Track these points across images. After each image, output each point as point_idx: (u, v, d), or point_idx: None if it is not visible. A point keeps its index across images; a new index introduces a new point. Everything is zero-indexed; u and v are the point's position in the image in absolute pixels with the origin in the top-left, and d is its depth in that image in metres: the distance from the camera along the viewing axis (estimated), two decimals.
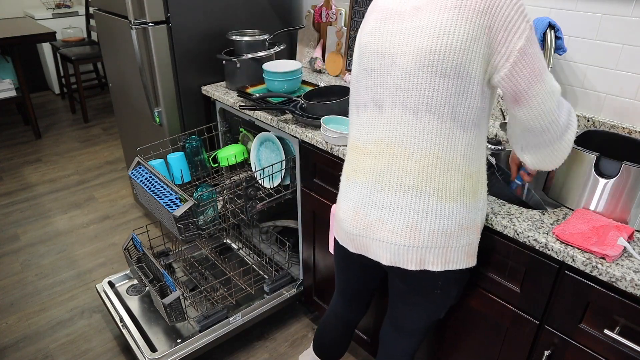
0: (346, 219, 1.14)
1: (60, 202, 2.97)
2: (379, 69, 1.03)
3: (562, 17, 1.45)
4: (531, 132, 1.01)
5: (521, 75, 0.94)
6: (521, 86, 0.95)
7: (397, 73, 1.00)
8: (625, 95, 1.39)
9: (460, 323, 1.35)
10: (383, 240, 1.07)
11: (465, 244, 1.06)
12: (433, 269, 1.06)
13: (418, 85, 0.98)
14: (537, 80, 0.95)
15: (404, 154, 1.02)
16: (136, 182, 1.64)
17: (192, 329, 1.80)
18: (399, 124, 1.01)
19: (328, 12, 2.14)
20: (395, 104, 1.01)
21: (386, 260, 1.08)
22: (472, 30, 0.92)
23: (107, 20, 2.23)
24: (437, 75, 0.95)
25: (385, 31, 1.02)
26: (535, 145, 1.04)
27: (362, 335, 1.76)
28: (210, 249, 2.28)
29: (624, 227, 1.06)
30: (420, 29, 0.96)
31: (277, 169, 1.85)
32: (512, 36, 0.92)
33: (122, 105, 2.48)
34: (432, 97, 0.97)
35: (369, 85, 1.06)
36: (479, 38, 0.92)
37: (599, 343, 1.03)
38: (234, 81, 2.00)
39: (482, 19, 0.91)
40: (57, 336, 2.00)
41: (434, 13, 0.95)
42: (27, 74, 4.71)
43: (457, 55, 0.93)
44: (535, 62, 0.94)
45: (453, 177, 1.00)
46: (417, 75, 0.97)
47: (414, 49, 0.97)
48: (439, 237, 1.03)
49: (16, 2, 4.47)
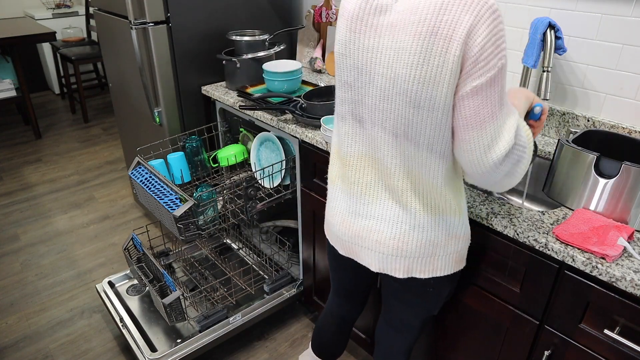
0: (335, 224, 1.14)
1: (60, 202, 2.97)
2: (356, 85, 0.98)
3: (562, 17, 1.45)
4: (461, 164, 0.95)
5: (463, 113, 0.85)
6: (458, 122, 0.87)
7: (375, 93, 0.94)
8: (625, 95, 1.39)
9: (461, 323, 1.35)
10: (371, 248, 1.07)
11: (453, 252, 1.06)
12: (420, 276, 1.06)
13: (394, 111, 0.92)
14: (475, 127, 0.85)
15: (386, 172, 1.00)
16: (136, 182, 1.64)
17: (192, 329, 1.80)
18: (380, 143, 0.98)
19: (328, 12, 2.14)
20: (375, 123, 0.97)
21: (375, 267, 1.09)
22: (450, 62, 0.82)
23: (107, 20, 2.23)
24: (410, 105, 0.89)
25: (361, 45, 0.93)
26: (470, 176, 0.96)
27: (362, 335, 1.76)
28: (210, 249, 2.28)
29: (624, 227, 1.05)
30: (396, 52, 0.88)
31: (277, 169, 1.85)
32: (476, 71, 0.82)
33: (122, 105, 2.48)
34: (408, 125, 0.91)
35: (347, 99, 1.01)
36: (455, 69, 0.82)
37: (599, 343, 1.03)
38: (234, 81, 2.00)
39: (460, 50, 0.81)
40: (57, 336, 2.00)
41: (409, 37, 0.85)
42: (27, 74, 4.71)
43: (431, 87, 0.85)
44: (484, 107, 0.84)
45: (436, 196, 0.99)
46: (393, 100, 0.91)
47: (390, 72, 0.89)
48: (427, 247, 1.03)
49: (16, 2, 4.47)
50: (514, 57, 1.60)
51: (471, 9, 0.80)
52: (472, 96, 0.84)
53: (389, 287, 1.20)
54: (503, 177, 0.92)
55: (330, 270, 1.38)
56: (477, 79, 0.82)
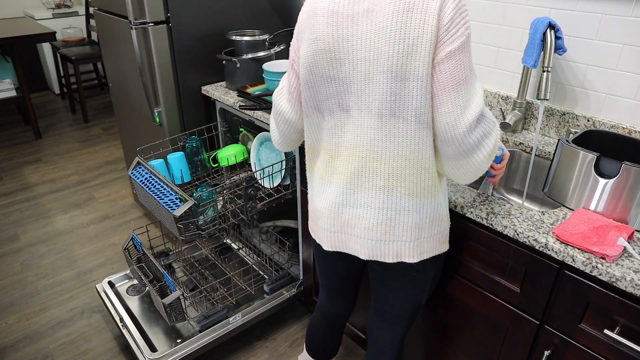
0: (322, 217, 1.16)
1: (60, 202, 2.97)
2: (339, 77, 1.01)
3: (562, 17, 1.45)
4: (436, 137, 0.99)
5: (440, 77, 0.92)
6: (436, 87, 0.93)
7: (359, 78, 0.99)
8: (625, 95, 1.39)
9: (461, 323, 1.35)
10: (360, 236, 1.10)
11: (437, 233, 1.10)
12: (409, 260, 1.10)
13: (380, 91, 0.97)
14: (452, 90, 0.93)
15: (373, 157, 1.03)
16: (136, 182, 1.64)
17: (192, 329, 1.80)
18: (367, 128, 1.02)
19: None
20: (361, 108, 1.01)
21: (364, 255, 1.12)
22: (426, 32, 0.90)
23: (107, 20, 2.23)
24: (396, 79, 0.94)
25: (339, 37, 0.98)
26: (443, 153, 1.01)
27: (361, 335, 1.76)
28: (210, 249, 2.28)
29: (624, 227, 1.06)
30: (375, 33, 0.94)
31: (277, 169, 1.85)
32: (449, 38, 0.90)
33: (122, 105, 2.48)
34: (395, 101, 0.96)
35: (330, 93, 1.04)
36: (432, 39, 0.90)
37: (599, 343, 1.03)
38: (234, 81, 2.00)
39: (435, 19, 0.89)
40: (57, 336, 2.00)
41: (386, 17, 0.92)
42: (27, 74, 4.71)
43: (412, 58, 0.92)
44: (458, 70, 0.92)
45: (422, 176, 1.02)
46: (377, 80, 0.96)
47: (372, 54, 0.95)
48: (413, 231, 1.07)
49: (16, 2, 4.47)
50: (514, 57, 1.60)
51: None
52: (447, 60, 0.91)
53: (376, 276, 1.23)
54: (473, 148, 0.97)
55: (317, 268, 1.40)
56: (450, 44, 0.91)
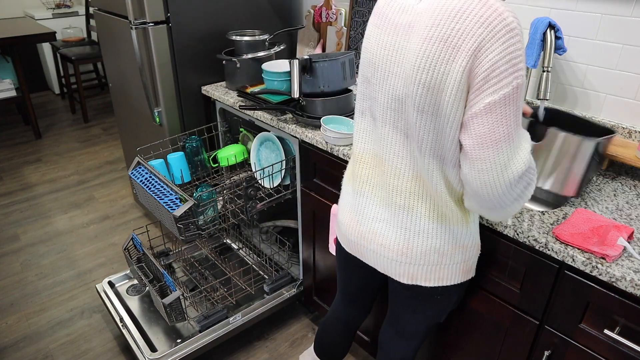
0: (343, 222, 1.14)
1: (60, 202, 2.97)
2: (373, 80, 0.98)
3: (562, 17, 1.45)
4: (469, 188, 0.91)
5: (477, 131, 0.83)
6: (473, 141, 0.84)
7: (388, 92, 0.94)
8: (625, 95, 1.39)
9: (461, 323, 1.35)
10: (375, 251, 1.07)
11: (460, 262, 1.04)
12: (425, 284, 1.05)
13: (404, 112, 0.92)
14: (491, 146, 0.82)
15: (394, 174, 0.99)
16: (136, 182, 1.64)
17: (192, 329, 1.80)
18: (391, 143, 0.97)
19: (328, 12, 2.14)
20: (386, 122, 0.97)
21: (380, 268, 1.09)
22: (455, 71, 0.81)
23: (107, 20, 2.23)
24: (415, 109, 0.88)
25: (380, 41, 0.94)
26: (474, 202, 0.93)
27: (362, 336, 1.76)
28: (210, 249, 2.28)
29: (624, 227, 1.06)
30: (409, 52, 0.88)
31: (277, 169, 1.85)
32: (489, 87, 0.80)
33: (122, 105, 2.47)
34: (414, 129, 0.91)
35: (366, 94, 1.02)
36: (460, 80, 0.81)
37: (599, 343, 1.03)
38: (233, 81, 2.00)
39: (467, 61, 0.80)
40: (57, 336, 2.00)
41: (421, 40, 0.85)
42: (27, 74, 4.71)
43: (435, 94, 0.84)
44: (500, 126, 0.81)
45: (442, 202, 0.97)
46: (403, 102, 0.91)
47: (402, 72, 0.90)
48: (431, 255, 1.01)
49: (16, 2, 4.47)
50: None
51: (485, 24, 0.78)
52: (485, 114, 0.81)
53: (395, 293, 1.19)
54: (512, 202, 0.89)
55: (338, 272, 1.37)
56: (489, 95, 0.80)
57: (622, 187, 1.28)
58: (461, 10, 0.80)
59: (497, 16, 0.78)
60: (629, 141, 1.38)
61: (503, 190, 0.86)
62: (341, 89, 1.63)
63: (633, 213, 1.15)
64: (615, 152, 1.31)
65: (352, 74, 1.64)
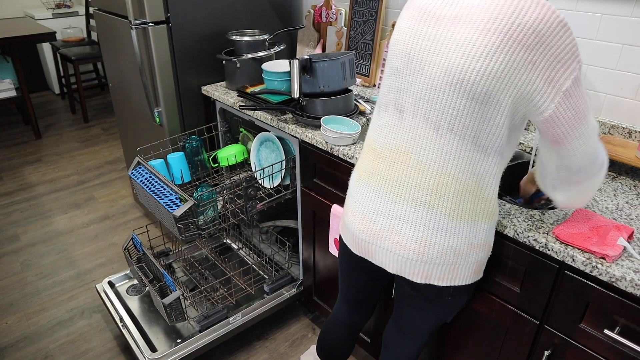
0: (354, 222, 1.11)
1: (60, 202, 2.97)
2: (405, 72, 0.99)
3: None
4: (567, 170, 0.98)
5: (565, 117, 0.90)
6: (564, 128, 0.91)
7: (423, 82, 0.95)
8: (625, 95, 1.39)
9: (461, 323, 1.35)
10: (390, 250, 1.05)
11: (474, 262, 1.04)
12: (438, 284, 1.05)
13: (443, 101, 0.93)
14: (581, 122, 0.91)
15: (419, 168, 0.98)
16: (136, 182, 1.64)
17: (192, 329, 1.80)
18: (419, 136, 0.97)
19: (328, 12, 2.14)
20: (417, 113, 0.97)
21: (391, 268, 1.07)
22: (513, 62, 0.87)
23: (107, 20, 2.23)
24: (464, 96, 0.91)
25: (418, 32, 0.96)
26: (568, 183, 1.00)
27: (363, 336, 1.76)
28: (210, 249, 2.28)
29: (624, 227, 1.06)
30: (455, 42, 0.91)
31: (277, 169, 1.85)
32: (560, 76, 0.87)
33: (122, 105, 2.48)
34: (456, 116, 0.93)
35: (393, 86, 1.02)
36: (518, 71, 0.87)
37: (599, 343, 1.03)
38: (234, 81, 2.00)
39: (527, 53, 0.86)
40: (57, 336, 2.00)
41: (475, 30, 0.89)
42: (27, 74, 4.71)
43: (489, 82, 0.89)
44: (581, 103, 0.90)
45: (467, 199, 0.98)
46: (443, 90, 0.93)
47: (445, 61, 0.92)
48: (448, 254, 1.01)
49: (16, 2, 4.47)
50: None
51: (544, 21, 0.86)
52: (567, 99, 0.89)
53: (403, 293, 1.17)
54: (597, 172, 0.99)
55: (340, 277, 1.35)
56: (565, 82, 0.88)
57: (622, 187, 1.28)
58: (519, 7, 0.87)
59: (552, 14, 0.86)
60: (629, 141, 1.38)
61: (596, 154, 0.96)
62: (341, 89, 1.62)
63: (633, 213, 1.15)
64: (615, 152, 1.31)
65: (352, 74, 1.64)
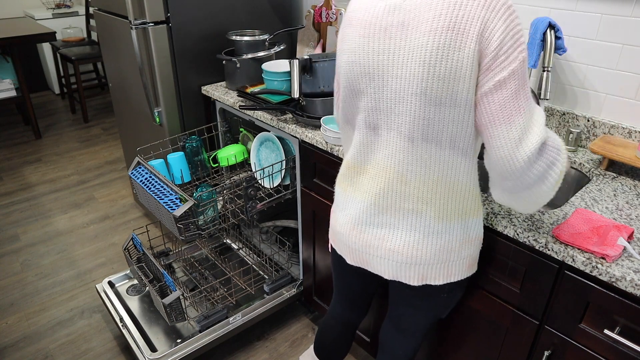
0: (344, 233, 1.11)
1: (60, 202, 2.97)
2: (368, 91, 0.96)
3: (562, 17, 1.45)
4: (492, 171, 0.92)
5: (488, 109, 0.85)
6: (484, 119, 0.86)
7: (389, 96, 0.93)
8: (625, 95, 1.39)
9: (461, 323, 1.35)
10: (383, 257, 1.05)
11: (466, 256, 1.05)
12: (435, 283, 1.05)
13: (411, 112, 0.90)
14: (504, 122, 0.84)
15: (401, 180, 0.98)
16: (136, 182, 1.64)
17: (192, 329, 1.80)
18: (396, 151, 0.96)
19: (328, 12, 2.14)
20: (391, 128, 0.95)
21: (388, 275, 1.08)
22: (467, 57, 0.83)
23: (107, 20, 2.23)
24: (431, 104, 0.88)
25: (371, 50, 0.93)
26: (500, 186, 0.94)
27: (362, 336, 1.76)
28: (210, 249, 2.28)
29: (624, 227, 1.05)
30: (410, 50, 0.87)
31: (277, 169, 1.85)
32: (497, 65, 0.82)
33: (122, 105, 2.48)
34: (427, 125, 0.90)
35: (360, 107, 1.00)
36: (473, 64, 0.83)
37: (599, 343, 1.03)
38: (233, 81, 2.00)
39: (476, 44, 0.82)
40: (57, 336, 2.00)
41: (423, 33, 0.85)
42: (27, 74, 4.71)
43: (452, 83, 0.85)
44: (510, 100, 0.83)
45: (453, 200, 0.97)
46: (409, 101, 0.90)
47: (406, 72, 0.89)
48: (441, 253, 1.02)
49: (16, 2, 4.47)
50: None
51: (486, 5, 0.81)
52: (496, 91, 0.84)
53: (399, 294, 1.18)
54: (536, 182, 0.87)
55: (334, 278, 1.36)
56: (499, 73, 0.83)
57: (622, 187, 1.28)
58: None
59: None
60: (629, 141, 1.38)
61: (522, 165, 0.85)
62: None
63: (633, 213, 1.15)
64: (615, 152, 1.31)
65: None
